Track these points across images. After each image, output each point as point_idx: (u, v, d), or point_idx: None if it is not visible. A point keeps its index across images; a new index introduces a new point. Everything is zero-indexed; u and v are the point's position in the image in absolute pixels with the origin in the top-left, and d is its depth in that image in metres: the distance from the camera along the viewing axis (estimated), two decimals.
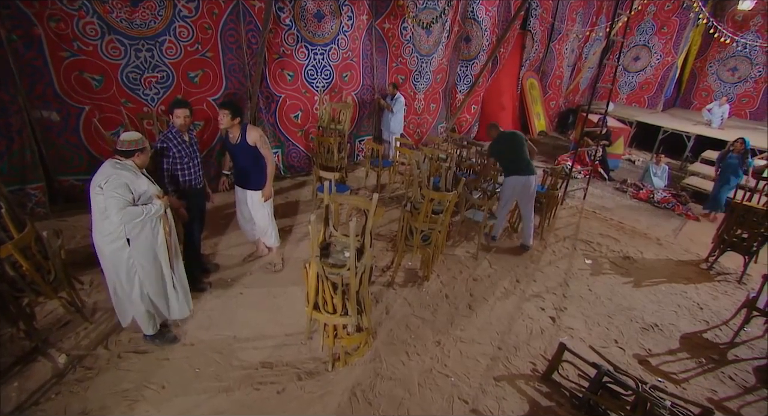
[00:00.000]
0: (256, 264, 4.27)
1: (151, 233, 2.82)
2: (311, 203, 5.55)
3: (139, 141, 2.69)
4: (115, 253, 2.73)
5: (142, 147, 2.71)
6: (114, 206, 2.55)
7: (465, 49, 8.18)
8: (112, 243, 2.70)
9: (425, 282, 4.17)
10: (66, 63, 4.23)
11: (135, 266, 2.81)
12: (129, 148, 2.66)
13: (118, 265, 2.77)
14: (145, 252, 2.81)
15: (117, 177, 2.56)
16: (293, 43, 5.65)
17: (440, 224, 3.82)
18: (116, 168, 2.61)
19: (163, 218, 2.96)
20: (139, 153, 2.70)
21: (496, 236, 5.08)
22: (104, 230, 2.67)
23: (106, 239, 2.69)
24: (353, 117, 6.73)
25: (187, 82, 4.97)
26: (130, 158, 2.68)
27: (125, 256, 2.75)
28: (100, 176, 2.60)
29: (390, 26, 6.76)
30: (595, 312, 4.10)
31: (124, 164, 2.67)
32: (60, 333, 3.22)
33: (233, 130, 3.67)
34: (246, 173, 3.85)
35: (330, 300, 2.65)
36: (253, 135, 3.66)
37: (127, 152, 2.66)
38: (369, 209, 2.57)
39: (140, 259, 2.81)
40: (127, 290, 2.87)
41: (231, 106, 3.60)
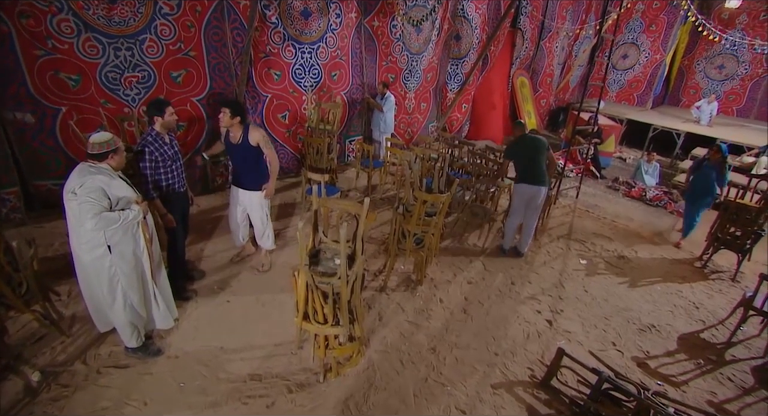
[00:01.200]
0: (243, 269, 4.12)
1: (133, 238, 2.68)
2: (300, 206, 5.41)
3: (110, 142, 2.52)
4: (95, 261, 2.57)
5: (115, 148, 2.54)
6: (88, 211, 2.39)
7: (455, 48, 8.10)
8: (91, 251, 2.55)
9: (419, 286, 4.05)
10: (40, 62, 4.03)
11: (117, 274, 2.66)
12: (101, 150, 2.50)
13: (100, 274, 2.62)
14: (127, 259, 2.66)
15: (91, 181, 2.41)
16: (280, 42, 5.50)
17: (434, 226, 3.71)
18: (90, 172, 2.45)
19: (143, 224, 2.81)
20: (113, 154, 2.54)
21: (506, 248, 4.87)
22: (82, 237, 2.52)
23: (85, 246, 2.53)
24: (343, 117, 6.60)
25: (169, 82, 4.79)
26: (104, 160, 2.53)
27: (106, 264, 2.60)
28: (72, 180, 2.44)
29: (379, 24, 6.64)
30: (592, 313, 4.02)
31: (99, 167, 2.51)
32: (34, 347, 3.04)
33: (234, 129, 3.55)
34: (245, 173, 3.74)
35: (320, 310, 2.52)
36: (256, 135, 3.56)
37: (99, 155, 2.50)
38: (360, 213, 2.45)
39: (122, 266, 2.66)
40: (108, 301, 2.72)
41: (231, 104, 3.51)
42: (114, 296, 2.69)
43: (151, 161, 3.11)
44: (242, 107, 3.68)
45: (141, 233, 2.70)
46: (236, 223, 4.03)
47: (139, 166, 3.09)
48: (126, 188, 2.62)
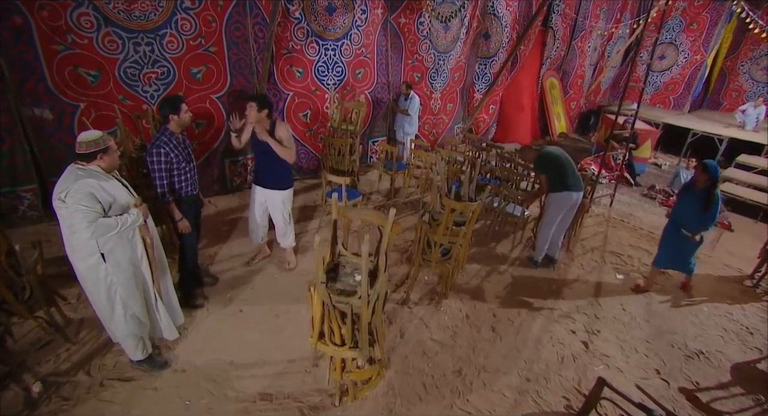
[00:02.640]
0: (258, 276, 3.90)
1: (129, 244, 2.46)
2: (321, 209, 5.17)
3: (99, 141, 2.28)
4: (90, 271, 2.37)
5: (105, 147, 2.30)
6: (82, 220, 2.18)
7: (484, 47, 7.74)
8: (85, 260, 2.35)
9: (444, 300, 3.76)
10: (59, 57, 3.90)
11: (114, 283, 2.44)
12: (88, 150, 2.26)
13: (96, 284, 2.42)
14: (123, 267, 2.45)
15: (80, 187, 2.18)
16: (303, 38, 5.27)
17: (462, 237, 3.41)
18: (79, 176, 2.22)
19: (143, 229, 2.59)
20: (102, 154, 2.30)
21: (538, 260, 4.50)
22: (75, 245, 2.32)
23: (78, 255, 2.33)
24: (366, 117, 6.34)
25: (189, 79, 4.62)
26: (93, 161, 2.29)
27: (102, 273, 2.39)
28: (59, 185, 2.22)
29: (406, 21, 6.35)
30: (632, 335, 3.65)
31: (88, 169, 2.28)
32: (39, 354, 2.88)
33: (262, 123, 3.36)
34: (269, 171, 3.55)
35: (338, 331, 2.26)
36: (283, 132, 3.38)
37: (86, 155, 2.27)
38: (384, 225, 2.18)
39: (119, 275, 2.44)
40: (108, 312, 2.52)
41: (257, 98, 3.33)
42: (113, 306, 2.49)
43: (166, 162, 2.90)
44: (268, 100, 3.47)
45: (138, 238, 2.49)
46: (256, 222, 3.85)
47: (151, 168, 2.88)
48: (122, 190, 2.41)
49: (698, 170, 3.66)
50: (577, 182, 4.07)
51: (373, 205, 5.55)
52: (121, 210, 2.36)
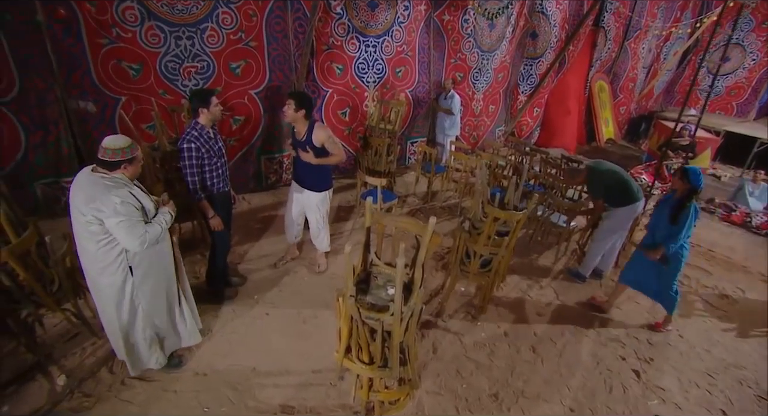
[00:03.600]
0: (286, 277, 3.76)
1: (155, 250, 2.31)
2: (355, 211, 4.99)
3: (126, 150, 2.07)
4: (112, 287, 2.23)
5: (131, 157, 2.09)
6: (129, 234, 2.04)
7: (530, 46, 7.34)
8: (110, 276, 2.20)
9: (481, 315, 3.48)
10: (104, 51, 3.90)
11: (139, 297, 2.32)
12: (114, 158, 2.05)
13: (120, 298, 2.28)
14: (150, 277, 2.32)
15: (115, 198, 2.01)
16: (344, 34, 5.11)
17: (504, 248, 3.13)
18: (108, 187, 2.02)
19: (173, 232, 2.50)
20: (127, 164, 2.10)
21: (585, 275, 4.13)
22: (96, 258, 2.15)
23: (102, 269, 2.18)
24: (406, 116, 6.11)
25: (228, 74, 4.55)
26: (116, 170, 2.08)
27: (128, 289, 2.26)
28: (78, 195, 2.04)
29: (450, 18, 6.07)
30: (690, 366, 3.25)
31: (114, 178, 2.07)
32: (66, 346, 2.84)
33: (299, 124, 3.23)
34: (306, 173, 3.43)
35: (366, 347, 2.05)
36: (321, 135, 3.21)
37: (111, 164, 2.06)
38: (423, 235, 1.95)
39: (144, 288, 2.32)
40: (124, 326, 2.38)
41: (297, 96, 3.19)
42: (134, 320, 2.37)
43: (197, 158, 2.79)
44: (309, 99, 3.29)
45: (165, 243, 2.37)
46: (291, 219, 3.72)
47: (182, 164, 2.77)
48: (146, 197, 2.26)
49: (676, 176, 3.15)
50: (639, 190, 3.71)
51: (409, 208, 5.33)
52: (149, 217, 2.23)
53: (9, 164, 3.87)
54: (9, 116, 3.74)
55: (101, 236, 2.09)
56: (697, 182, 3.02)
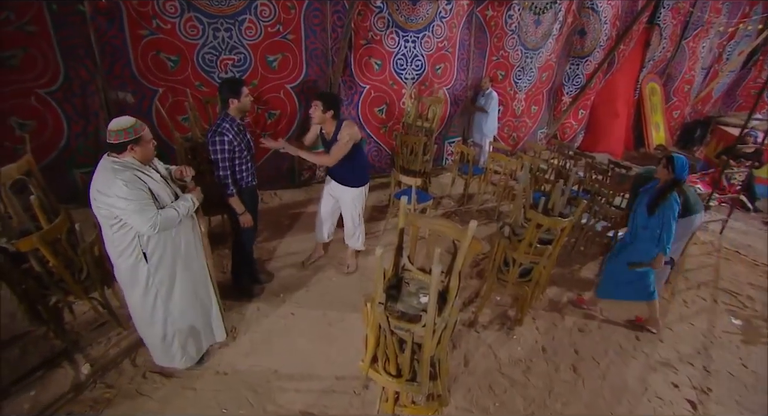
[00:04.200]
0: (314, 276, 3.66)
1: (171, 240, 2.25)
2: (388, 211, 4.83)
3: (130, 130, 1.99)
4: (131, 270, 2.19)
5: (135, 137, 2.01)
6: (139, 217, 1.99)
7: (578, 45, 6.96)
8: (126, 259, 2.15)
9: (517, 327, 3.25)
10: (144, 42, 3.92)
11: (155, 285, 2.26)
12: (118, 140, 1.98)
13: (135, 284, 2.23)
14: (167, 266, 2.26)
15: (122, 182, 1.95)
16: (383, 28, 4.97)
17: (547, 257, 2.90)
18: (116, 170, 1.98)
19: (199, 216, 2.43)
20: (134, 145, 2.02)
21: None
22: (114, 241, 2.11)
23: (120, 253, 2.14)
24: (444, 115, 5.91)
25: (264, 67, 4.50)
26: (124, 152, 2.02)
27: (143, 274, 2.21)
28: (96, 181, 2.01)
29: (493, 14, 5.82)
30: (757, 401, 2.90)
31: (123, 162, 2.02)
32: (93, 335, 2.84)
33: (327, 125, 3.14)
34: (340, 171, 3.35)
35: (393, 359, 1.90)
36: (344, 133, 3.11)
37: (117, 146, 2.00)
38: (462, 240, 1.77)
39: (161, 276, 2.25)
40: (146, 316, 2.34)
41: (324, 96, 3.10)
42: (152, 310, 2.32)
43: (230, 150, 2.71)
44: (337, 99, 3.21)
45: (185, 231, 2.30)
46: (323, 217, 3.61)
47: (214, 158, 2.70)
48: (161, 184, 2.17)
49: (662, 164, 2.94)
50: (698, 202, 3.36)
51: (444, 210, 5.13)
52: (160, 202, 2.15)
53: (52, 152, 3.96)
54: (53, 105, 3.82)
55: (112, 220, 2.05)
56: (680, 173, 2.85)
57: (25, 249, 2.21)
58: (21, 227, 2.29)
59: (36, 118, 3.78)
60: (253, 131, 4.81)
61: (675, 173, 2.86)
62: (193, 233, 2.39)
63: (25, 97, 3.69)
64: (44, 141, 3.88)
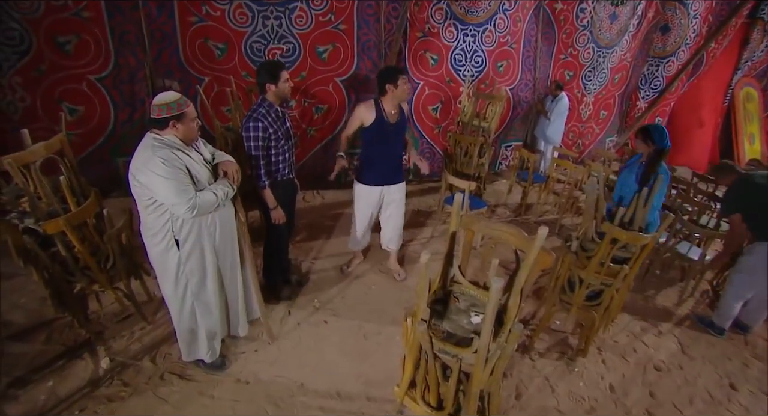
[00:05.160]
0: (352, 283, 3.45)
1: (205, 227, 2.15)
2: (436, 217, 4.56)
3: (173, 105, 1.92)
4: (162, 256, 2.11)
5: (177, 113, 1.93)
6: (175, 195, 1.90)
7: (658, 43, 6.33)
8: (158, 244, 2.08)
9: (580, 358, 2.86)
10: (193, 29, 3.93)
11: (186, 274, 2.16)
12: (160, 115, 1.92)
13: (166, 271, 2.15)
14: (199, 255, 2.16)
15: (161, 159, 1.87)
16: (441, 20, 4.73)
17: (622, 278, 2.51)
18: (155, 147, 1.92)
19: (239, 206, 2.31)
20: (176, 122, 1.94)
21: (723, 328, 3.27)
22: (149, 225, 2.06)
23: (151, 237, 2.08)
24: (503, 116, 5.55)
25: (314, 58, 4.40)
26: (166, 129, 1.95)
27: (173, 261, 2.12)
28: (136, 158, 1.95)
29: (563, 7, 5.42)
30: None
31: (165, 140, 1.96)
32: (117, 327, 2.78)
33: (388, 103, 2.91)
34: (399, 161, 3.18)
35: (435, 387, 1.63)
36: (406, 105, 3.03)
37: (158, 121, 1.94)
38: (528, 250, 1.48)
39: (193, 264, 2.16)
40: (176, 304, 2.26)
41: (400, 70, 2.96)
42: (183, 299, 2.23)
43: (264, 138, 2.56)
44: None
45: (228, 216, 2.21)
46: (366, 228, 3.39)
47: (247, 145, 2.56)
48: (202, 167, 2.09)
49: (638, 138, 2.85)
50: None
51: (498, 220, 4.78)
52: (199, 186, 2.06)
53: (98, 138, 4.04)
54: (102, 92, 3.90)
55: (147, 201, 1.97)
56: (662, 141, 2.76)
57: (51, 232, 2.16)
58: (49, 208, 2.25)
59: (85, 104, 3.87)
60: (299, 126, 4.73)
61: (656, 143, 2.76)
62: (230, 223, 2.30)
63: (77, 83, 3.79)
64: (92, 128, 3.96)
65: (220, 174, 2.21)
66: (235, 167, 2.24)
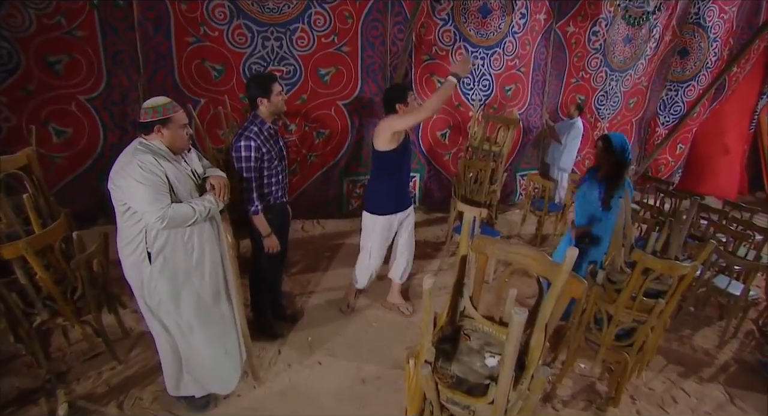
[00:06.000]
0: (351, 322, 3.20)
1: (183, 246, 1.97)
2: (443, 249, 4.32)
3: (159, 109, 1.84)
4: (133, 268, 1.95)
5: (163, 118, 1.84)
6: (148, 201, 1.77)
7: (677, 67, 6.26)
8: (130, 256, 1.93)
9: (611, 408, 2.55)
10: (189, 50, 3.89)
11: (155, 293, 1.97)
12: (145, 119, 1.84)
13: (140, 286, 1.98)
14: (172, 275, 1.96)
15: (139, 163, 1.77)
16: (449, 43, 4.69)
17: (656, 314, 2.25)
18: (138, 151, 1.83)
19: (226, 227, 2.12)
20: (161, 127, 1.85)
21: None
22: (123, 234, 1.93)
23: (124, 247, 1.94)
24: (515, 141, 5.41)
25: (315, 80, 4.33)
26: (151, 134, 1.87)
27: (145, 275, 1.94)
28: (117, 162, 1.85)
29: (575, 30, 5.38)
30: None
31: (150, 145, 1.87)
32: (84, 366, 2.54)
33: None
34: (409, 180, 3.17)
35: None
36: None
37: (145, 126, 1.86)
38: (555, 277, 1.26)
39: (164, 284, 1.96)
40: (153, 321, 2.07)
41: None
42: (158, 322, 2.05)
43: (256, 159, 2.40)
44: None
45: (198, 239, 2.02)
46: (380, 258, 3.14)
47: (237, 166, 2.41)
48: (187, 179, 1.96)
49: (598, 148, 2.71)
50: None
51: None
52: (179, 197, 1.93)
53: (86, 161, 3.94)
54: (92, 113, 3.83)
55: (121, 206, 1.86)
56: (622, 151, 2.59)
57: (9, 256, 1.97)
58: (9, 230, 2.08)
59: (73, 125, 3.79)
60: (299, 151, 4.61)
61: (616, 153, 2.60)
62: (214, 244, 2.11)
63: (66, 104, 3.73)
64: (79, 150, 3.87)
65: (208, 188, 2.06)
66: (223, 182, 2.09)
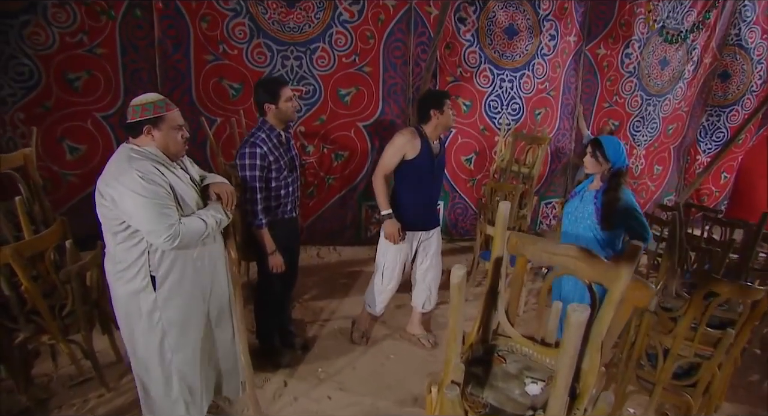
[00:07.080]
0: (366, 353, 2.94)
1: (191, 263, 1.79)
2: (469, 279, 4.07)
3: (149, 106, 1.66)
4: (130, 299, 1.73)
5: (154, 117, 1.66)
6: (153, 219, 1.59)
7: (718, 91, 6.03)
8: (127, 283, 1.72)
9: None
10: (208, 68, 3.92)
11: (162, 324, 1.77)
12: (133, 118, 1.66)
13: (133, 317, 1.76)
14: (182, 300, 1.78)
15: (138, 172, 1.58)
16: (475, 65, 4.62)
17: (723, 347, 1.94)
18: (132, 158, 1.64)
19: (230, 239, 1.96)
20: (151, 127, 1.67)
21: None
22: (117, 258, 1.72)
23: (120, 274, 1.72)
24: (545, 164, 5.20)
25: (335, 101, 4.28)
26: (139, 135, 1.68)
27: (147, 306, 1.73)
28: (106, 172, 1.66)
29: (606, 53, 5.26)
30: None
31: (143, 150, 1.68)
32: (68, 394, 2.35)
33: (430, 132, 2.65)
34: (437, 202, 2.95)
35: None
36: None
37: (132, 126, 1.67)
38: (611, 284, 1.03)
39: (173, 312, 1.77)
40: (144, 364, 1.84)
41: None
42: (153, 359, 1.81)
43: (263, 167, 2.27)
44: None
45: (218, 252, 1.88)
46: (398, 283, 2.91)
47: (242, 175, 2.28)
48: (188, 187, 1.79)
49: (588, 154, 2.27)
50: None
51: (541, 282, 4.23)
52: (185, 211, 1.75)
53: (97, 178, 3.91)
54: (107, 130, 3.83)
55: (117, 225, 1.65)
56: (617, 158, 2.20)
57: None
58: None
59: (88, 142, 3.80)
60: (317, 173, 4.52)
61: (611, 160, 2.20)
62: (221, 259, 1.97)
63: (81, 120, 3.75)
64: (92, 167, 3.84)
65: (212, 197, 1.91)
66: (229, 190, 1.94)
